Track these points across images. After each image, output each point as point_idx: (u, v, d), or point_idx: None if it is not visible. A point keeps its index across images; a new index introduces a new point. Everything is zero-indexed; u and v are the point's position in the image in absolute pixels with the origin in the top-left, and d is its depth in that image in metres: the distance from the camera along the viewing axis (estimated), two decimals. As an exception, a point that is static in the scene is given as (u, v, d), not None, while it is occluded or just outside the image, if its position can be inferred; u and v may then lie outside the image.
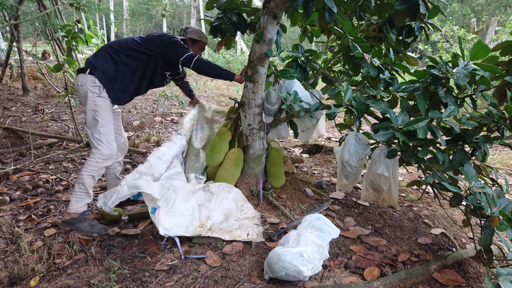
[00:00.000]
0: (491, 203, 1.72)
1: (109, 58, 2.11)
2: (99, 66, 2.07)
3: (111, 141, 2.13)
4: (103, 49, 2.14)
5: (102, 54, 2.12)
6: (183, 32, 2.41)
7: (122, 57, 2.14)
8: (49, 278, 1.72)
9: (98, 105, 2.07)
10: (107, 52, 2.13)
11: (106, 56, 2.12)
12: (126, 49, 2.15)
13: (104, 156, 2.09)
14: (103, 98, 2.09)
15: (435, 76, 2.02)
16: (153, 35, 2.25)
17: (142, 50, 2.18)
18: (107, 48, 2.15)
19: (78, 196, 2.05)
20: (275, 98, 2.51)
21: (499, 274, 1.46)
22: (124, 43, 2.18)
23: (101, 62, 2.09)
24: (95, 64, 2.07)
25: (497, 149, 4.64)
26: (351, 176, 2.36)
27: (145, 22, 30.80)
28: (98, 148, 2.08)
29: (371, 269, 1.91)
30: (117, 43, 2.18)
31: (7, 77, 6.92)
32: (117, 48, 2.14)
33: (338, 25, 2.63)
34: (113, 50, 2.13)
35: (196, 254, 1.97)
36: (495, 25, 11.00)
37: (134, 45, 2.17)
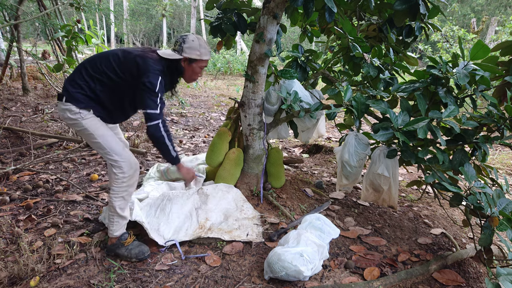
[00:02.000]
0: (491, 203, 1.72)
1: (83, 83, 1.78)
2: (74, 92, 1.75)
3: (124, 154, 1.86)
4: (78, 71, 1.82)
5: (77, 78, 1.79)
6: (179, 46, 1.86)
7: (97, 83, 1.79)
8: (49, 278, 1.72)
9: (88, 128, 1.79)
10: (81, 74, 1.80)
11: (80, 80, 1.78)
12: (99, 73, 1.79)
13: (126, 173, 1.85)
14: (89, 118, 1.79)
15: (435, 76, 2.02)
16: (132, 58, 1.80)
17: (115, 75, 1.80)
18: (81, 69, 1.81)
19: (112, 220, 1.91)
20: (275, 98, 2.51)
21: (499, 274, 1.46)
22: (98, 65, 1.80)
23: (76, 88, 1.77)
24: (69, 90, 1.76)
25: (497, 149, 4.64)
26: (351, 176, 2.36)
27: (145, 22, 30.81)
28: (117, 167, 1.84)
29: (371, 269, 1.91)
30: (91, 63, 1.81)
31: (7, 77, 6.92)
32: (90, 71, 1.79)
33: (338, 25, 2.62)
34: (87, 73, 1.79)
35: (196, 254, 1.97)
36: (495, 25, 11.00)
37: (107, 69, 1.79)
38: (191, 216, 2.22)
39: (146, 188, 2.58)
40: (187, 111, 6.58)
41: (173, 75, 1.95)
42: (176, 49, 1.87)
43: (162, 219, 2.15)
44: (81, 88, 1.77)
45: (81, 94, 1.77)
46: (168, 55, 1.84)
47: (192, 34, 1.91)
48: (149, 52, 1.84)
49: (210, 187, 2.41)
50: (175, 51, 1.87)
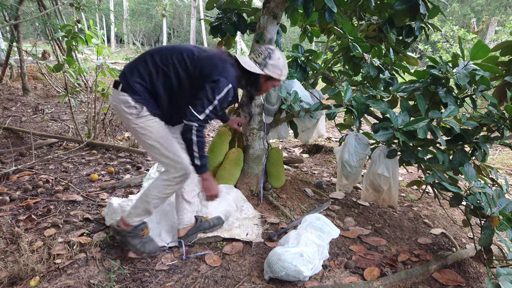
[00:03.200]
0: (491, 203, 1.72)
1: (146, 72, 1.63)
2: (133, 82, 1.60)
3: (180, 157, 1.71)
4: (142, 58, 1.67)
5: (139, 65, 1.64)
6: (262, 60, 1.71)
7: (160, 76, 1.64)
8: (49, 278, 1.72)
9: (142, 127, 1.64)
10: (146, 63, 1.64)
11: (143, 69, 1.63)
12: (167, 65, 1.63)
13: (176, 178, 1.74)
14: (145, 116, 1.64)
15: (435, 76, 2.02)
16: (209, 57, 1.64)
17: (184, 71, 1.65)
18: (146, 57, 1.66)
19: (138, 211, 1.80)
20: (275, 98, 2.51)
21: (499, 274, 1.46)
22: (168, 56, 1.64)
23: (135, 77, 1.61)
24: (128, 77, 1.61)
25: (497, 149, 4.64)
26: (351, 176, 2.36)
27: (145, 22, 30.80)
28: (170, 173, 1.73)
29: (371, 269, 1.91)
30: (160, 52, 1.65)
31: (7, 77, 6.92)
32: (158, 61, 1.63)
33: (338, 25, 2.63)
34: (153, 62, 1.63)
35: (196, 253, 1.97)
36: (495, 25, 11.00)
37: (178, 62, 1.64)
38: None
39: None
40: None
41: (247, 87, 1.81)
42: (258, 62, 1.71)
43: (164, 225, 2.15)
44: (142, 78, 1.61)
45: (140, 84, 1.61)
46: (249, 66, 1.69)
47: (277, 49, 1.75)
48: (227, 55, 1.70)
49: None
50: (256, 63, 1.71)
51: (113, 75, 3.86)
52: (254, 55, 1.74)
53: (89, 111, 4.04)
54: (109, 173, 3.16)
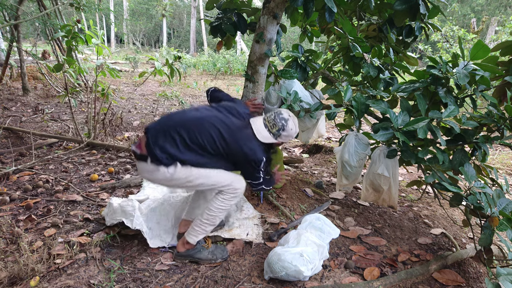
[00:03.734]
0: (491, 203, 1.72)
1: (175, 151, 1.69)
2: (163, 158, 1.66)
3: (229, 177, 1.80)
4: (169, 136, 1.70)
5: (168, 144, 1.69)
6: (277, 132, 1.82)
7: (192, 152, 1.72)
8: (49, 278, 1.72)
9: (181, 178, 1.71)
10: (175, 142, 1.69)
11: (172, 148, 1.69)
12: (197, 145, 1.71)
13: (237, 189, 1.81)
14: (180, 170, 1.70)
15: (435, 76, 2.02)
16: (239, 146, 1.74)
17: (216, 152, 1.74)
18: (174, 136, 1.69)
19: (202, 228, 1.86)
20: (275, 98, 2.50)
21: (499, 274, 1.46)
22: (197, 137, 1.70)
23: (165, 153, 1.67)
24: (158, 155, 1.66)
25: (497, 149, 4.64)
26: (351, 176, 2.36)
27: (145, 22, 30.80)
28: (229, 192, 1.81)
29: (371, 269, 1.91)
30: (188, 132, 1.70)
31: (7, 77, 6.92)
32: (187, 140, 1.70)
33: (338, 25, 2.62)
34: (182, 142, 1.70)
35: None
36: (495, 25, 11.00)
37: (209, 144, 1.72)
38: None
39: (146, 190, 2.58)
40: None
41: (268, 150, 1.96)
42: (273, 132, 1.83)
43: (164, 225, 2.15)
44: (171, 157, 1.68)
45: (171, 159, 1.68)
46: (265, 138, 1.82)
47: (290, 118, 1.85)
48: (251, 136, 1.80)
49: None
50: (271, 133, 1.83)
51: (113, 75, 3.86)
52: (269, 124, 1.83)
53: (89, 111, 4.04)
54: (109, 173, 3.16)
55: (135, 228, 1.99)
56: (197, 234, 1.87)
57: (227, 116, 1.81)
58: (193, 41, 24.81)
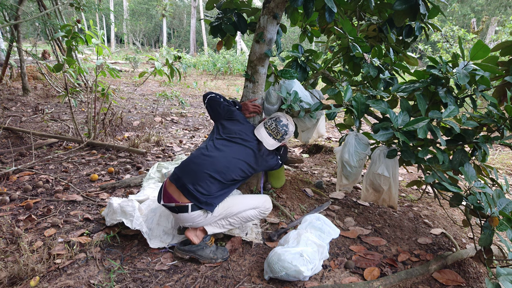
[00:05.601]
0: (491, 203, 1.72)
1: (215, 191, 1.87)
2: (203, 201, 1.82)
3: (259, 200, 2.05)
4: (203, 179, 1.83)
5: (202, 184, 1.82)
6: (281, 137, 2.08)
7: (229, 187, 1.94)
8: (49, 278, 1.72)
9: (219, 214, 1.91)
10: (210, 184, 1.84)
11: (210, 189, 1.84)
12: (231, 181, 1.91)
13: (267, 209, 2.07)
14: (217, 208, 1.90)
15: (435, 76, 2.02)
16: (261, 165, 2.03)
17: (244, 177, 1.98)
18: (208, 179, 1.84)
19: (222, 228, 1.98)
20: (275, 98, 2.50)
21: (499, 274, 1.46)
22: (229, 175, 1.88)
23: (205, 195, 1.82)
24: (199, 198, 1.80)
25: (497, 149, 4.64)
26: (351, 176, 2.35)
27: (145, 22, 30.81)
28: (261, 214, 2.05)
29: (371, 269, 1.91)
30: (220, 174, 1.86)
31: (7, 77, 6.92)
32: (222, 181, 1.87)
33: (338, 25, 2.62)
34: (219, 184, 1.87)
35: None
36: (495, 25, 11.00)
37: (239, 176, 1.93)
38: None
39: (146, 190, 2.57)
40: (187, 111, 6.58)
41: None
42: (278, 138, 2.07)
43: (164, 226, 2.14)
44: (212, 199, 1.85)
45: (212, 197, 1.85)
46: (274, 146, 2.06)
47: (288, 121, 2.11)
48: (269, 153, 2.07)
49: None
50: (276, 139, 2.07)
51: (113, 75, 3.86)
52: (273, 132, 2.06)
53: (89, 111, 4.04)
54: (109, 173, 3.16)
55: (135, 228, 1.99)
56: (216, 229, 1.96)
57: (245, 145, 2.00)
58: (193, 41, 24.81)
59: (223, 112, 2.15)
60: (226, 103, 2.18)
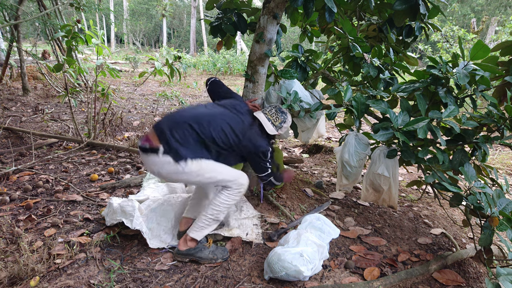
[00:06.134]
0: (491, 203, 1.72)
1: (187, 141, 1.75)
2: (176, 146, 1.70)
3: (235, 173, 1.89)
4: (180, 125, 1.76)
5: (178, 132, 1.73)
6: (279, 124, 2.02)
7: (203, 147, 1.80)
8: (49, 278, 1.72)
9: (192, 172, 1.74)
10: (185, 130, 1.75)
11: (183, 136, 1.74)
12: (209, 139, 1.79)
13: (242, 185, 1.89)
14: (191, 165, 1.73)
15: (435, 76, 2.02)
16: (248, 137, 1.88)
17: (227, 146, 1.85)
18: (183, 125, 1.76)
19: (206, 223, 1.90)
20: (275, 98, 2.50)
21: (499, 274, 1.46)
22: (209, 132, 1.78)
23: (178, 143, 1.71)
24: (170, 143, 1.70)
25: (497, 149, 4.64)
26: (351, 176, 2.36)
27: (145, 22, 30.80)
28: (234, 188, 1.88)
29: (371, 269, 1.91)
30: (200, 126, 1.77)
31: (7, 77, 6.92)
32: (200, 134, 1.76)
33: (338, 25, 2.63)
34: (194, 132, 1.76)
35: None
36: (495, 25, 11.00)
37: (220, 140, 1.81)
38: None
39: (146, 190, 2.57)
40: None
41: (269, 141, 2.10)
42: (276, 125, 2.02)
43: (164, 225, 2.14)
44: (183, 144, 1.73)
45: (183, 148, 1.72)
46: (271, 131, 2.00)
47: (287, 112, 2.10)
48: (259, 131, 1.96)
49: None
50: (274, 126, 2.01)
51: (113, 75, 3.86)
52: (272, 117, 2.02)
53: (89, 111, 4.04)
54: (109, 173, 3.16)
55: (135, 228, 1.99)
56: (201, 230, 1.90)
57: (235, 113, 1.92)
58: (193, 41, 24.81)
59: (223, 93, 2.16)
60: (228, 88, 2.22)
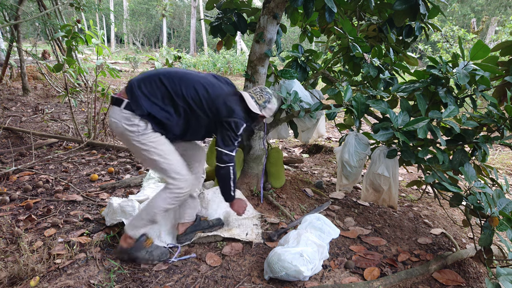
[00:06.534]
0: (491, 203, 1.72)
1: (154, 96, 1.66)
2: (141, 101, 1.62)
3: (182, 171, 1.78)
4: (149, 80, 1.68)
5: (147, 86, 1.66)
6: (263, 103, 1.89)
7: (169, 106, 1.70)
8: (49, 278, 1.72)
9: (145, 143, 1.66)
10: (155, 86, 1.67)
11: (152, 91, 1.66)
12: (178, 97, 1.69)
13: (183, 189, 1.79)
14: (148, 134, 1.66)
15: (435, 76, 2.02)
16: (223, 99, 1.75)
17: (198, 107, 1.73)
18: (154, 79, 1.69)
19: (143, 222, 1.82)
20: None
21: (499, 274, 1.46)
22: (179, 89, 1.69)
23: (145, 97, 1.64)
24: (137, 97, 1.62)
25: (497, 149, 4.64)
26: (351, 176, 2.36)
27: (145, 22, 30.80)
28: (175, 185, 1.76)
29: (371, 269, 1.91)
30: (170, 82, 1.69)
31: (7, 77, 6.92)
32: (170, 90, 1.68)
33: (338, 25, 2.63)
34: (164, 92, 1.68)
35: (196, 254, 1.97)
36: (495, 25, 11.00)
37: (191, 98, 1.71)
38: None
39: (146, 190, 2.57)
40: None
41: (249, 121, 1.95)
42: (259, 103, 1.89)
43: (163, 225, 2.14)
44: (150, 99, 1.64)
45: (148, 103, 1.64)
46: (253, 108, 1.86)
47: (274, 93, 1.98)
48: (236, 95, 1.85)
49: (210, 192, 2.40)
50: (257, 104, 1.88)
51: (113, 75, 3.86)
52: (256, 95, 1.90)
53: (89, 111, 4.04)
54: (109, 173, 3.16)
55: None
56: (136, 229, 1.83)
57: (217, 81, 1.84)
58: (193, 41, 24.81)
59: None
60: None
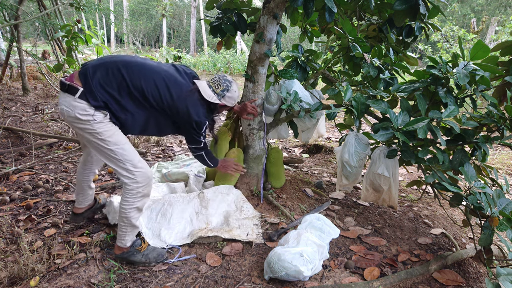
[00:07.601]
0: (491, 203, 1.72)
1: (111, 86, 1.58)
2: (97, 90, 1.54)
3: (140, 163, 1.72)
4: (109, 68, 1.60)
5: (103, 75, 1.58)
6: (221, 92, 1.88)
7: (125, 96, 1.63)
8: (49, 278, 1.72)
9: (100, 133, 1.59)
10: (113, 76, 1.59)
11: (108, 81, 1.58)
12: (136, 89, 1.62)
13: (141, 183, 1.72)
14: (103, 123, 1.59)
15: (435, 76, 2.02)
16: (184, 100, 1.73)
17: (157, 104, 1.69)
18: (112, 68, 1.59)
19: (124, 230, 1.81)
20: (275, 98, 2.51)
21: (499, 274, 1.46)
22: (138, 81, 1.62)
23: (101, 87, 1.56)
24: (92, 86, 1.54)
25: (497, 149, 4.64)
26: (351, 176, 2.36)
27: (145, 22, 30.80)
28: (131, 178, 1.70)
29: (371, 269, 1.91)
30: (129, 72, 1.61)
31: (7, 77, 6.92)
32: (128, 80, 1.60)
33: (338, 25, 2.63)
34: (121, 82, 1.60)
35: (196, 254, 1.97)
36: (495, 25, 11.01)
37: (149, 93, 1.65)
38: (191, 221, 2.21)
39: None
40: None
41: (210, 113, 1.96)
42: (217, 92, 1.89)
43: (163, 224, 2.14)
44: (106, 90, 1.57)
45: (104, 94, 1.56)
46: (210, 97, 1.85)
47: (233, 81, 1.97)
48: (195, 92, 1.81)
49: (210, 191, 2.40)
50: (215, 93, 1.88)
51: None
52: (214, 84, 1.90)
53: (89, 111, 4.03)
54: (109, 173, 3.16)
55: None
56: (124, 238, 1.83)
57: (180, 74, 1.82)
58: (193, 41, 24.81)
59: None
60: None
